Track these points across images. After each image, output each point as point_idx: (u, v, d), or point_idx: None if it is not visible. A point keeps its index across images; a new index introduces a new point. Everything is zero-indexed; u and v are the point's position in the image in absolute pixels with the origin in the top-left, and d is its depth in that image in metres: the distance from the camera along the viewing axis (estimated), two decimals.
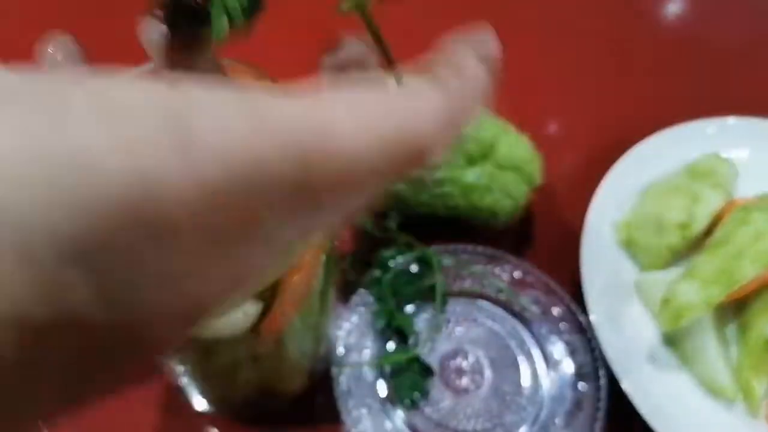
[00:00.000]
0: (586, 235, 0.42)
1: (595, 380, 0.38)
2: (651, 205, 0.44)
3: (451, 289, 0.42)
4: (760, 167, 0.48)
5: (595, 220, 0.43)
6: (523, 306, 0.41)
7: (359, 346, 0.39)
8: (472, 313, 0.42)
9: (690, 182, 0.45)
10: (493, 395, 0.38)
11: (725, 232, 0.41)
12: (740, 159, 0.48)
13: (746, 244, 0.39)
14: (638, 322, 0.41)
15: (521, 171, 0.43)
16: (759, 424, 0.38)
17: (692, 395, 0.39)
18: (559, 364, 0.39)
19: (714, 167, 0.45)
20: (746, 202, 0.44)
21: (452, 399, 0.38)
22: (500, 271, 0.42)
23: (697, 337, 0.39)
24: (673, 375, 0.40)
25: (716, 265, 0.39)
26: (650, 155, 0.48)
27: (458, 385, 0.38)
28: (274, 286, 0.25)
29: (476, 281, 0.42)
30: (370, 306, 0.40)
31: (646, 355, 0.40)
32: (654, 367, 0.39)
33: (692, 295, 0.38)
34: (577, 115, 0.57)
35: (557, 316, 0.41)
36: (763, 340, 0.38)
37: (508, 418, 0.37)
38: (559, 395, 0.38)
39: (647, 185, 0.47)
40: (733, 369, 0.39)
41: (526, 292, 0.42)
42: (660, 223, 0.43)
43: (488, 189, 0.42)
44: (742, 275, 0.38)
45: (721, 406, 0.38)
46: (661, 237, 0.43)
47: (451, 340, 0.40)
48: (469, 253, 0.43)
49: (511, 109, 0.48)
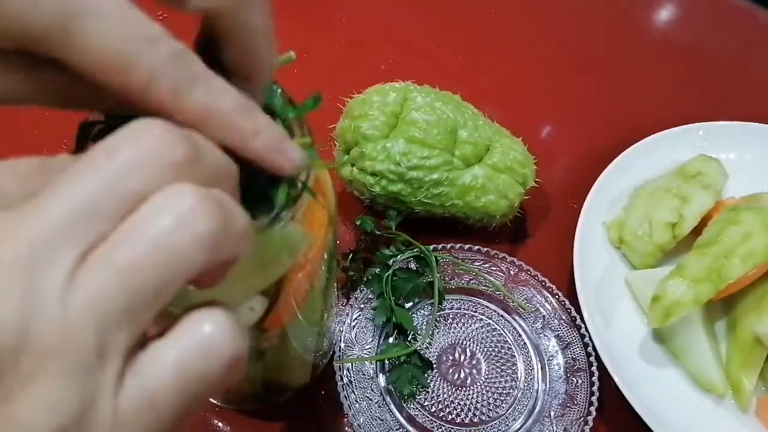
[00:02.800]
0: (579, 234, 0.43)
1: (587, 375, 0.39)
2: (642, 206, 0.45)
3: (449, 286, 0.43)
4: (749, 169, 0.49)
5: (587, 220, 0.44)
6: (518, 303, 0.42)
7: (360, 341, 0.40)
8: (468, 310, 0.42)
9: (680, 183, 0.45)
10: (489, 388, 0.39)
11: (715, 231, 0.41)
12: (729, 161, 0.48)
13: (735, 244, 0.39)
14: (629, 318, 0.42)
15: (516, 173, 0.44)
16: (748, 419, 0.39)
17: (683, 390, 0.39)
18: (552, 358, 0.40)
19: (703, 168, 0.46)
20: (735, 202, 0.45)
21: (450, 392, 0.39)
22: (496, 269, 0.43)
23: (687, 334, 0.40)
24: (663, 370, 0.40)
25: (706, 264, 0.39)
26: (641, 157, 0.48)
27: (456, 378, 0.39)
28: (278, 283, 0.25)
29: (473, 279, 0.43)
30: (370, 302, 0.41)
31: (637, 351, 0.41)
32: (645, 363, 0.40)
33: (682, 293, 0.38)
34: (570, 118, 0.58)
35: (551, 312, 0.42)
36: (752, 336, 0.39)
37: (503, 411, 0.38)
38: (553, 389, 0.39)
39: (638, 186, 0.48)
40: (723, 365, 0.40)
41: (520, 289, 0.43)
42: (651, 222, 0.44)
43: (484, 190, 0.43)
44: (731, 274, 0.38)
45: (710, 400, 0.39)
46: (652, 236, 0.43)
47: (449, 336, 0.41)
48: (466, 251, 0.44)
49: (506, 114, 0.49)
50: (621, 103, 0.59)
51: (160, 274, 0.13)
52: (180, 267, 0.13)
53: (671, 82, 0.61)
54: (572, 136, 0.56)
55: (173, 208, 0.13)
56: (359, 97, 0.45)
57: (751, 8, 0.69)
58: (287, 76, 0.23)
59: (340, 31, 0.64)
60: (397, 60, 0.60)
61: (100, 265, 0.12)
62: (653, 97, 0.60)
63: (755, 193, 0.46)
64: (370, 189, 0.43)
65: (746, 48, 0.67)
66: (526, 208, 0.49)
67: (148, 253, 0.13)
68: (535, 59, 0.63)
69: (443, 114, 0.43)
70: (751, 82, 0.63)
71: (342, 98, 0.46)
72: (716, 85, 0.62)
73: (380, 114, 0.43)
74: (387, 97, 0.43)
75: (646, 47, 0.65)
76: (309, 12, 0.65)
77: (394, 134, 0.42)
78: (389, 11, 0.67)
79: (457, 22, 0.66)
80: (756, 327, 0.39)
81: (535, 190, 0.46)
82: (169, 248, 0.13)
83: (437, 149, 0.42)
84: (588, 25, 0.67)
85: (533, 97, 0.59)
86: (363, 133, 0.43)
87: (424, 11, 0.67)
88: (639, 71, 0.62)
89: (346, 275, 0.43)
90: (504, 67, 0.62)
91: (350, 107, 0.45)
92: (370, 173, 0.43)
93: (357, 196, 0.46)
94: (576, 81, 0.61)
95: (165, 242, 0.13)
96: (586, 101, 0.59)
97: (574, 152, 0.54)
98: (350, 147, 0.44)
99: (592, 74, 0.62)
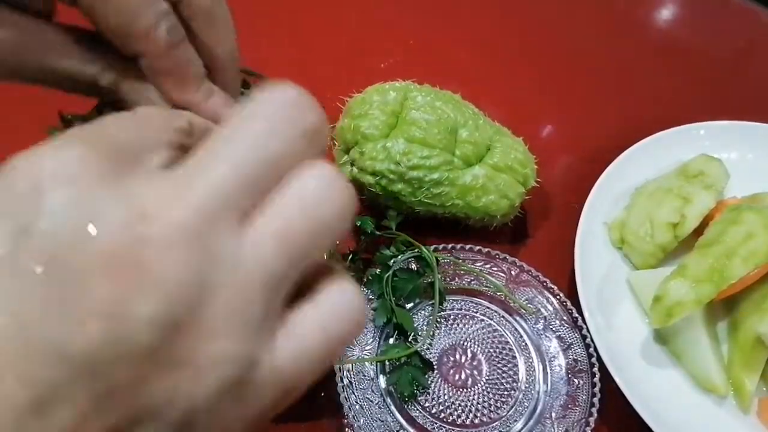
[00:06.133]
0: (580, 234, 0.43)
1: (589, 375, 0.38)
2: (643, 206, 0.45)
3: (450, 287, 0.43)
4: (750, 168, 0.49)
5: (588, 220, 0.44)
6: (519, 303, 0.42)
7: (360, 341, 0.39)
8: (469, 310, 0.42)
9: (682, 183, 0.45)
10: (490, 390, 0.39)
11: (716, 231, 0.41)
12: (731, 160, 0.48)
13: (737, 244, 0.39)
14: (631, 319, 0.42)
15: (516, 172, 0.44)
16: (749, 420, 0.38)
17: (684, 391, 0.39)
18: (554, 359, 0.40)
19: (705, 168, 0.46)
20: (737, 202, 0.45)
21: (451, 393, 0.38)
22: (497, 269, 0.43)
23: (689, 334, 0.40)
24: (665, 371, 0.40)
25: (707, 264, 0.39)
26: (643, 157, 0.48)
27: (456, 379, 0.39)
28: None
29: (474, 279, 0.43)
30: (370, 303, 0.41)
31: (639, 351, 0.41)
32: (647, 363, 0.40)
33: (683, 293, 0.38)
34: (570, 118, 0.57)
35: (552, 313, 0.41)
36: (754, 337, 0.39)
37: (504, 412, 0.38)
38: (554, 390, 0.38)
39: (639, 186, 0.47)
40: (724, 366, 0.40)
41: (521, 289, 0.43)
42: (652, 222, 0.44)
43: (485, 190, 0.43)
44: (732, 274, 0.38)
45: (712, 401, 0.39)
46: (653, 236, 0.43)
47: (450, 336, 0.41)
48: (467, 252, 0.44)
49: (507, 113, 0.49)
50: (622, 102, 0.59)
51: (312, 241, 0.14)
52: (328, 234, 0.14)
53: (672, 82, 0.61)
54: (573, 136, 0.56)
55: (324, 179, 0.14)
56: (359, 96, 0.45)
57: (753, 8, 0.69)
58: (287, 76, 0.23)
59: (340, 30, 0.64)
60: (397, 59, 0.60)
61: (265, 233, 0.14)
62: (654, 96, 0.59)
63: (757, 193, 0.46)
64: (370, 189, 0.43)
65: (748, 47, 0.66)
66: (527, 208, 0.48)
67: (305, 221, 0.14)
68: (536, 59, 0.63)
69: (444, 113, 0.43)
70: (753, 81, 0.63)
71: (342, 97, 0.46)
72: (718, 85, 0.62)
73: (380, 113, 0.42)
74: (387, 96, 0.43)
75: (647, 46, 0.65)
76: (309, 12, 0.65)
77: (394, 134, 0.42)
78: (389, 10, 0.66)
79: (458, 21, 0.66)
80: (758, 328, 0.38)
81: (536, 190, 0.46)
82: (320, 218, 0.14)
83: (437, 149, 0.42)
84: (589, 24, 0.67)
85: (534, 96, 0.59)
86: (363, 132, 0.42)
87: (425, 10, 0.67)
88: (640, 71, 0.62)
89: None
90: (504, 67, 0.61)
91: (350, 106, 0.44)
92: (370, 173, 0.43)
93: (357, 196, 0.46)
94: (577, 80, 0.61)
95: (318, 213, 0.14)
96: (588, 100, 0.59)
97: (575, 152, 0.54)
98: (350, 146, 0.44)
99: (593, 73, 0.62)
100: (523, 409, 0.38)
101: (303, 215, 0.14)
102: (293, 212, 0.14)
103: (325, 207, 0.14)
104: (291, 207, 0.14)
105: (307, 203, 0.14)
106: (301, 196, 0.14)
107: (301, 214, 0.14)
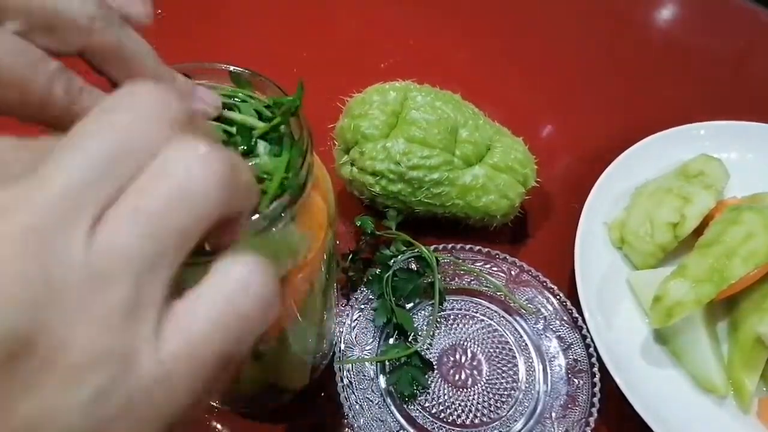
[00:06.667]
0: (580, 234, 0.43)
1: (589, 375, 0.38)
2: (643, 206, 0.45)
3: (450, 287, 0.43)
4: (750, 168, 0.49)
5: (588, 220, 0.44)
6: (519, 303, 0.42)
7: (360, 342, 0.39)
8: (469, 310, 0.42)
9: (682, 183, 0.45)
10: (490, 390, 0.39)
11: (716, 231, 0.41)
12: (731, 160, 0.48)
13: (737, 244, 0.39)
14: (631, 319, 0.42)
15: (516, 172, 0.44)
16: (749, 420, 0.38)
17: (684, 391, 0.39)
18: (554, 359, 0.40)
19: (705, 168, 0.46)
20: (737, 202, 0.45)
21: (451, 393, 0.38)
22: (497, 269, 0.43)
23: (689, 334, 0.40)
24: (665, 371, 0.40)
25: (707, 264, 0.39)
26: (642, 157, 0.48)
27: (456, 379, 0.39)
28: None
29: (474, 279, 0.43)
30: (371, 303, 0.41)
31: (639, 351, 0.41)
32: (647, 363, 0.40)
33: (683, 293, 0.38)
34: (571, 118, 0.57)
35: (552, 313, 0.41)
36: (754, 337, 0.39)
37: (504, 412, 0.38)
38: (554, 390, 0.38)
39: (639, 186, 0.47)
40: (724, 366, 0.40)
41: (521, 289, 0.43)
42: (652, 222, 0.44)
43: (485, 190, 0.43)
44: (732, 274, 0.38)
45: (712, 401, 0.39)
46: (653, 236, 0.43)
47: (450, 336, 0.41)
48: (467, 252, 0.44)
49: (507, 113, 0.49)
50: (622, 102, 0.59)
51: (182, 217, 0.13)
52: (201, 208, 0.13)
53: (672, 82, 0.61)
54: (573, 136, 0.56)
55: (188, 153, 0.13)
56: (359, 96, 0.45)
57: (753, 8, 0.69)
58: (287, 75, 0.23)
59: (340, 30, 0.64)
60: (397, 59, 0.60)
61: (121, 216, 0.12)
62: (654, 96, 0.59)
63: (757, 193, 0.46)
64: (370, 189, 0.43)
65: (748, 47, 0.66)
66: (527, 208, 0.48)
67: (169, 196, 0.13)
68: (536, 59, 0.63)
69: (443, 113, 0.43)
70: (753, 81, 0.63)
71: (342, 97, 0.46)
72: (718, 85, 0.62)
73: (380, 113, 0.42)
74: (387, 96, 0.43)
75: (647, 46, 0.65)
76: (309, 11, 0.65)
77: (394, 134, 0.42)
78: (389, 11, 0.66)
79: (458, 21, 0.66)
80: (758, 328, 0.38)
81: (536, 190, 0.46)
82: (188, 189, 0.13)
83: (437, 149, 0.42)
84: (589, 25, 0.67)
85: (534, 96, 0.59)
86: (363, 132, 0.42)
87: (425, 10, 0.67)
88: (640, 70, 0.62)
89: (346, 276, 0.43)
90: (505, 67, 0.61)
91: (350, 106, 0.44)
92: (370, 173, 0.43)
93: (357, 196, 0.46)
94: (577, 80, 0.61)
95: (184, 184, 0.13)
96: (588, 101, 0.59)
97: (575, 152, 0.54)
98: (350, 146, 0.44)
99: (593, 73, 0.62)
100: (523, 409, 0.38)
101: (166, 188, 0.13)
102: (155, 188, 0.13)
103: (194, 176, 0.13)
104: (152, 184, 0.13)
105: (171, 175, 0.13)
106: (155, 172, 0.13)
107: (164, 186, 0.13)
